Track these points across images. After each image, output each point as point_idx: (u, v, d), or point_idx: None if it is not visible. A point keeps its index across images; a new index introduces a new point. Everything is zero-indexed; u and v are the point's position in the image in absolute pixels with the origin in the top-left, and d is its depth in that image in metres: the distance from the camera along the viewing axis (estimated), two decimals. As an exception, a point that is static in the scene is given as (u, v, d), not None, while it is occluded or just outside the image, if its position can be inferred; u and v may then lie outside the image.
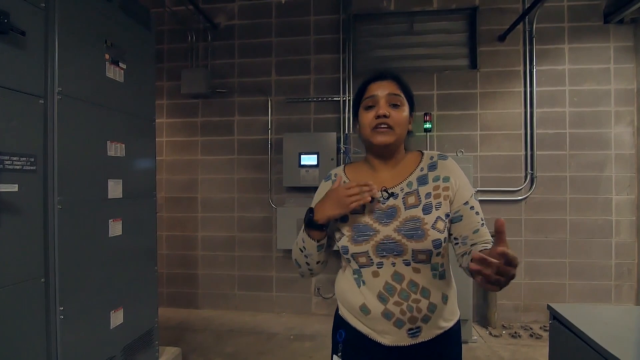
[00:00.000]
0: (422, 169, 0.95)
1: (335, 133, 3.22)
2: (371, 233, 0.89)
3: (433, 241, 0.85)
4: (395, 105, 0.91)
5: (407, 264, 0.87)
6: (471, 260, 0.66)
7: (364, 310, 0.90)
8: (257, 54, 3.42)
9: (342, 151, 3.26)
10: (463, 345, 0.94)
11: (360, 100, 0.96)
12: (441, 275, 0.90)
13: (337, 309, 1.02)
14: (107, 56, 1.76)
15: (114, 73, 1.81)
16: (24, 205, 1.36)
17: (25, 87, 1.37)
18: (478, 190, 3.13)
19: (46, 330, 1.44)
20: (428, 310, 0.87)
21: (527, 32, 3.11)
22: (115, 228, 1.81)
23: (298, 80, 3.38)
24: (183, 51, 3.49)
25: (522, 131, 3.14)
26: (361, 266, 0.91)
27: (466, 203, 0.90)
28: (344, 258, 0.96)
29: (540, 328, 2.95)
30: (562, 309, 1.36)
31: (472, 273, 0.69)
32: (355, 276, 0.93)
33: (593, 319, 1.26)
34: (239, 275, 3.43)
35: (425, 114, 3.10)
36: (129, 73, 1.90)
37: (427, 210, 0.88)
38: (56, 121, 1.48)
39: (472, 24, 3.25)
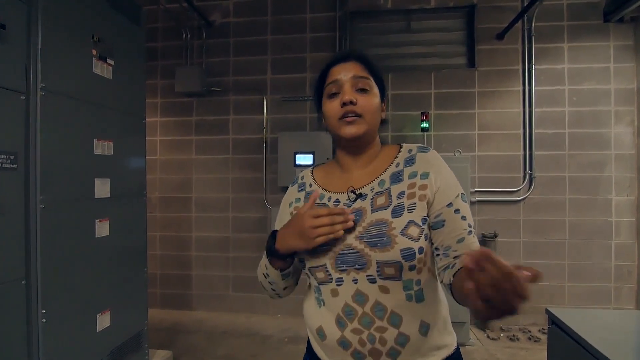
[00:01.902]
0: (397, 165, 0.79)
1: (327, 132, 3.16)
2: (330, 242, 0.74)
3: (402, 250, 0.69)
4: (362, 90, 0.77)
5: (373, 281, 0.71)
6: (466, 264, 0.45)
7: (320, 334, 0.77)
8: (253, 52, 3.37)
9: (338, 151, 3.21)
10: (460, 348, 0.81)
11: (322, 88, 0.82)
12: (418, 297, 0.72)
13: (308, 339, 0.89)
14: (94, 52, 1.71)
15: (102, 69, 1.76)
16: (3, 204, 1.31)
17: (6, 82, 1.32)
18: (476, 191, 3.09)
19: (27, 334, 1.39)
20: (396, 342, 0.70)
21: (525, 30, 3.07)
22: (103, 228, 1.76)
23: (294, 79, 3.33)
24: (177, 49, 3.45)
25: (521, 131, 3.09)
26: (320, 283, 0.76)
27: (450, 205, 0.73)
28: (305, 273, 0.82)
29: (539, 331, 2.91)
30: (560, 313, 1.32)
31: (453, 291, 0.64)
32: (316, 295, 0.79)
33: (592, 324, 1.22)
34: (234, 276, 3.39)
35: (423, 113, 3.06)
36: (118, 69, 1.85)
37: (397, 212, 0.72)
38: (39, 118, 1.43)
39: (470, 22, 3.21)
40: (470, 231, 0.74)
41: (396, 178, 0.77)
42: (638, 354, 1.01)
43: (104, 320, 1.76)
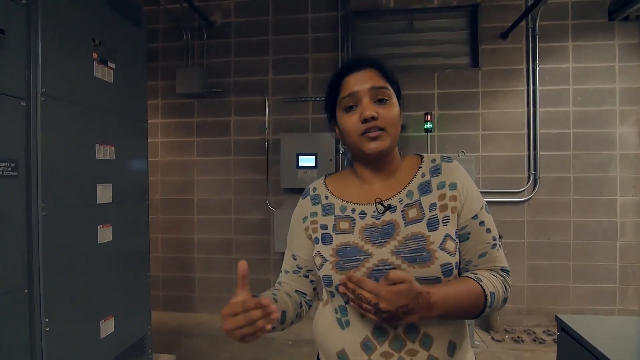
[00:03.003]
0: (423, 175, 0.76)
1: (333, 133, 3.14)
2: (362, 257, 0.70)
3: (442, 266, 0.66)
4: (382, 101, 0.73)
5: None
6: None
7: (342, 358, 0.72)
8: (254, 52, 3.34)
9: (341, 152, 3.19)
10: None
11: (335, 98, 0.77)
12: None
13: (318, 355, 0.83)
14: (94, 55, 1.69)
15: (103, 73, 1.74)
16: (5, 212, 1.29)
17: (6, 88, 1.30)
18: (480, 192, 3.05)
19: (30, 343, 1.38)
20: None
21: (530, 29, 3.04)
22: (105, 234, 1.75)
23: (296, 79, 3.30)
24: (178, 50, 3.42)
25: (525, 131, 3.07)
26: (347, 301, 0.70)
27: (475, 217, 0.72)
28: (327, 291, 0.77)
29: (544, 332, 2.89)
30: (570, 320, 1.30)
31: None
32: (338, 315, 0.74)
33: (602, 331, 1.21)
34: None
35: (426, 114, 3.03)
36: (119, 73, 1.83)
37: (432, 225, 0.70)
38: (39, 124, 1.41)
39: (473, 21, 3.18)
40: (495, 244, 0.73)
41: (424, 189, 0.75)
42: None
43: (107, 327, 1.75)
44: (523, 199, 3.05)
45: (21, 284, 1.36)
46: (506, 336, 2.85)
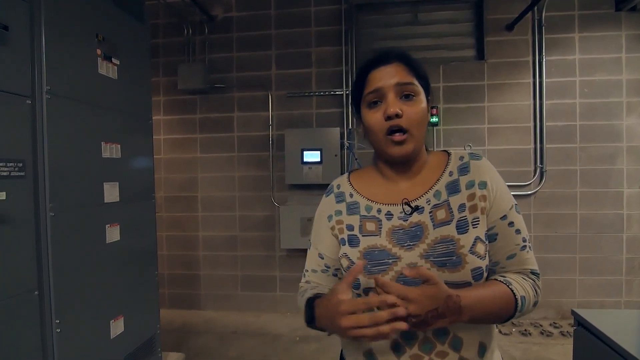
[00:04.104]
0: (451, 173, 0.73)
1: (338, 128, 3.12)
2: (390, 261, 0.68)
3: (472, 270, 0.65)
4: (408, 97, 0.69)
5: None
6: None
7: (369, 357, 0.71)
8: (256, 47, 3.30)
9: (346, 147, 3.16)
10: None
11: (360, 93, 0.74)
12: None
13: (342, 352, 0.82)
14: (98, 51, 1.65)
15: (107, 69, 1.70)
16: (13, 213, 1.26)
17: (10, 86, 1.26)
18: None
19: (42, 345, 1.36)
20: None
21: (536, 20, 3.00)
22: (113, 233, 1.72)
23: (299, 74, 3.26)
24: (179, 45, 3.37)
25: (531, 124, 3.04)
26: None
27: (504, 217, 0.70)
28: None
29: (550, 325, 2.90)
30: (587, 314, 1.29)
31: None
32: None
33: (622, 326, 1.19)
34: (242, 275, 3.36)
35: (432, 107, 3.00)
36: (123, 69, 1.79)
37: (462, 228, 0.67)
38: (45, 122, 1.37)
39: (478, 13, 3.13)
40: (524, 246, 0.70)
41: (453, 188, 0.72)
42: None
43: (117, 327, 1.73)
44: (529, 192, 3.04)
45: (31, 286, 1.33)
46: (513, 329, 2.86)
